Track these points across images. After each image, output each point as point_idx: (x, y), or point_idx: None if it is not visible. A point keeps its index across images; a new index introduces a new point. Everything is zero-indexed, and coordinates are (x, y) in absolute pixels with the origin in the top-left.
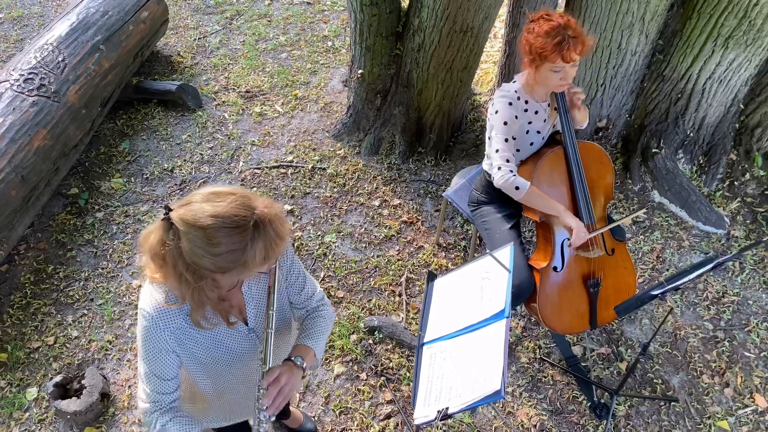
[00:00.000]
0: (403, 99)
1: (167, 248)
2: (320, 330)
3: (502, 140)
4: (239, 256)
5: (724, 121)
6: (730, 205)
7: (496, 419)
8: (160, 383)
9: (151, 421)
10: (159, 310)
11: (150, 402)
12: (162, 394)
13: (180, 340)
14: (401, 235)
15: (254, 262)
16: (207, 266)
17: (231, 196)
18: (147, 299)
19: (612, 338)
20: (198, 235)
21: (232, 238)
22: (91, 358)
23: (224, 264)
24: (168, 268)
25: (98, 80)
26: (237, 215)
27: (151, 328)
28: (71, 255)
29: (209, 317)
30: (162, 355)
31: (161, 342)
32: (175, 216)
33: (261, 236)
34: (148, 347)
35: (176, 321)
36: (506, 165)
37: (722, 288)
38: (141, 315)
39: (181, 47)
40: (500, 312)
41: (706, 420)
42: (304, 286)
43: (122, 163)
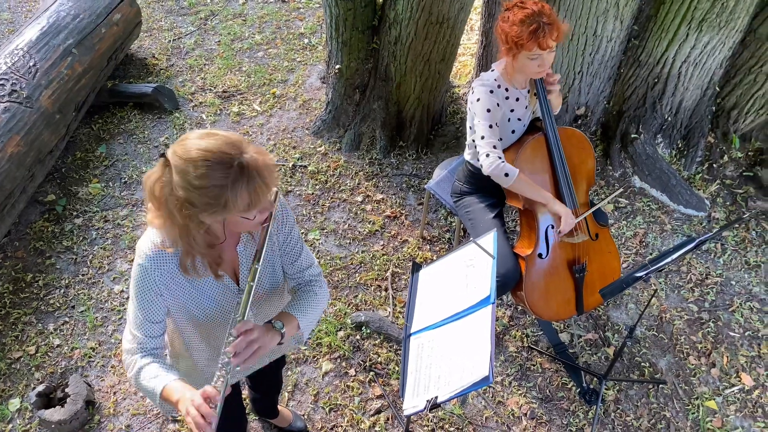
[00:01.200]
0: (382, 93)
1: (161, 186)
2: (309, 304)
3: (486, 127)
4: (221, 193)
5: (701, 104)
6: (709, 187)
7: (487, 409)
8: (147, 325)
9: (131, 363)
10: (154, 251)
11: (134, 343)
12: (147, 336)
13: (170, 285)
14: (385, 230)
15: (236, 204)
16: (191, 200)
17: (224, 136)
18: (145, 240)
19: (598, 324)
20: (185, 166)
21: (215, 172)
22: (75, 366)
23: (206, 200)
24: (162, 207)
25: (72, 84)
26: (224, 152)
27: (143, 268)
28: (50, 262)
29: (198, 266)
30: (151, 297)
31: (152, 284)
32: (170, 152)
33: (245, 179)
34: (138, 288)
35: (168, 265)
36: (494, 151)
37: (705, 270)
38: (137, 255)
39: (156, 49)
40: (486, 298)
41: (694, 401)
42: (299, 257)
43: (99, 167)
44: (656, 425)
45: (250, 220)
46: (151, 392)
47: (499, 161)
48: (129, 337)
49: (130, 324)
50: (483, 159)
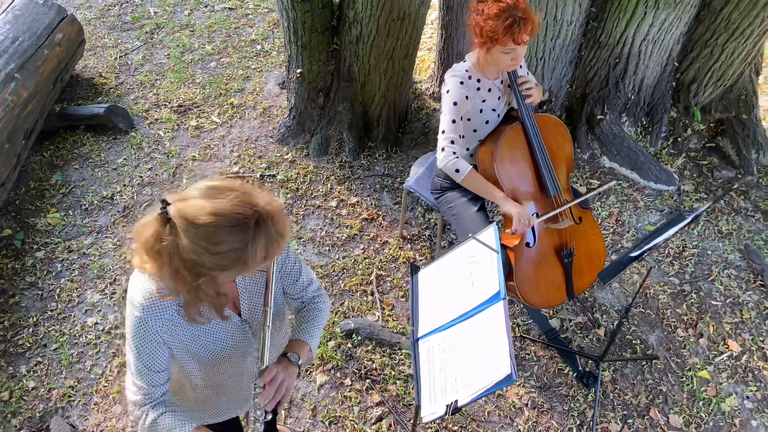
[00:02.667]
0: (347, 94)
1: (163, 244)
2: (316, 324)
3: (449, 121)
4: (240, 254)
5: (662, 81)
6: (676, 161)
7: (488, 404)
8: (151, 375)
9: (141, 414)
10: (150, 301)
11: (141, 395)
12: (153, 386)
13: (172, 332)
14: (364, 233)
15: (255, 261)
16: (206, 264)
17: (231, 192)
18: (137, 289)
19: (586, 306)
20: (198, 233)
21: (233, 236)
22: (54, 408)
23: (224, 263)
24: (163, 263)
25: (18, 111)
26: (239, 213)
27: (142, 320)
28: (14, 301)
29: (203, 312)
30: (153, 347)
31: (152, 334)
32: (173, 211)
33: (262, 234)
34: (138, 339)
35: (168, 312)
36: (449, 146)
37: (681, 243)
38: (131, 306)
39: (102, 68)
40: (495, 295)
41: (687, 372)
42: (299, 275)
43: (57, 196)
44: (654, 400)
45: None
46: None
47: (452, 157)
48: (133, 388)
49: (132, 374)
50: (438, 152)
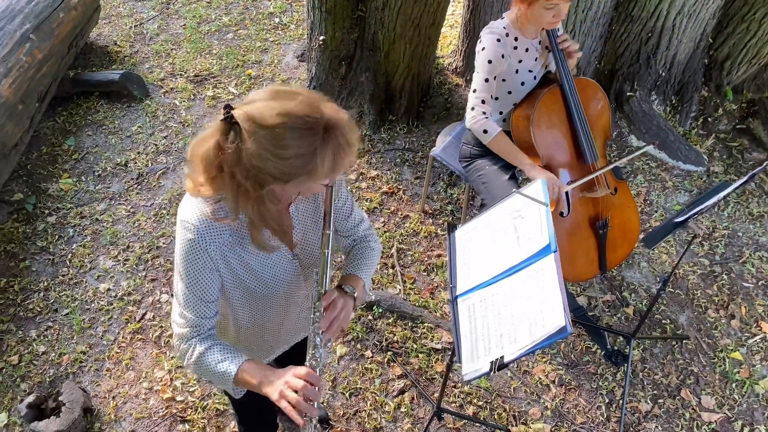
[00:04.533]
0: (370, 64)
1: (225, 154)
2: (369, 262)
3: (482, 80)
4: (307, 161)
5: (694, 57)
6: (705, 142)
7: (513, 380)
8: (201, 306)
9: (188, 348)
10: (206, 223)
11: (188, 327)
12: (202, 318)
13: (226, 258)
14: (384, 207)
15: (322, 170)
16: (271, 172)
17: (299, 95)
18: (191, 211)
19: (614, 285)
20: (265, 135)
21: (301, 140)
22: (65, 373)
23: (290, 170)
24: (224, 177)
25: (32, 72)
26: (308, 116)
27: (196, 243)
28: (25, 265)
29: (268, 239)
30: (205, 274)
31: (206, 259)
32: (239, 113)
33: (331, 141)
34: (190, 264)
35: (223, 236)
36: (480, 106)
37: (711, 224)
38: (184, 228)
39: (117, 36)
40: (545, 248)
41: (719, 353)
42: (351, 211)
43: (69, 162)
44: (685, 381)
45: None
46: (220, 376)
47: (482, 117)
48: (180, 320)
49: (180, 305)
50: (468, 111)
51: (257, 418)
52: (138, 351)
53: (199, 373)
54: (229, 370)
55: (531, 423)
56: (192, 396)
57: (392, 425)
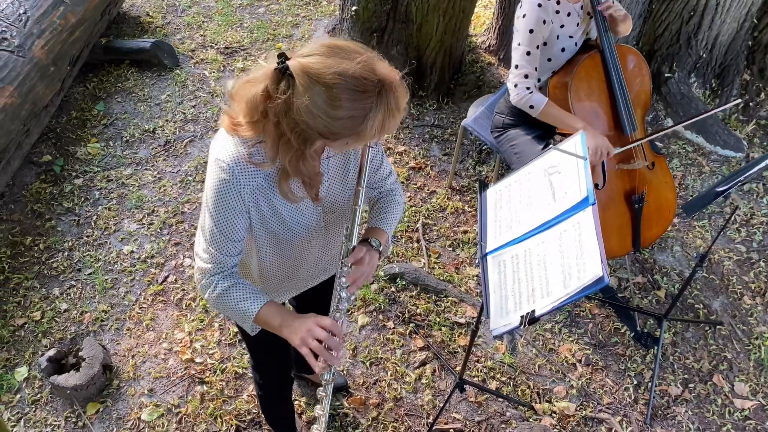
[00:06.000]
0: (402, 37)
1: (274, 102)
2: (394, 216)
3: (523, 54)
4: (358, 123)
5: (737, 39)
6: (745, 128)
7: (539, 357)
8: (227, 244)
9: (210, 284)
10: (241, 165)
11: (212, 263)
12: (227, 255)
13: (256, 201)
14: (411, 182)
15: (370, 132)
16: (319, 129)
17: (357, 54)
18: (227, 150)
19: (646, 267)
20: (320, 92)
21: (356, 102)
22: (86, 331)
23: (340, 130)
24: (268, 125)
25: (65, 36)
26: (365, 78)
27: (229, 183)
28: (50, 225)
29: (294, 190)
30: (234, 215)
31: (238, 200)
32: (295, 66)
33: (382, 105)
34: (221, 203)
35: (256, 180)
36: (523, 81)
37: (749, 210)
38: (217, 167)
39: (150, 7)
40: (583, 200)
41: (754, 340)
42: (381, 164)
43: (98, 126)
44: (718, 366)
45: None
46: (241, 314)
47: (526, 93)
48: (204, 256)
49: (205, 241)
50: (510, 89)
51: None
52: (159, 312)
53: (219, 308)
54: (251, 309)
55: (555, 401)
56: (211, 358)
57: (412, 396)
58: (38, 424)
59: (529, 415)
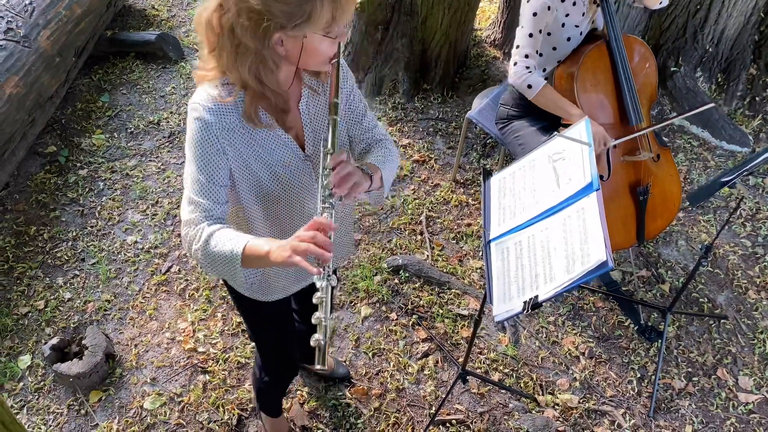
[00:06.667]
0: (407, 30)
1: (225, 12)
2: (387, 158)
3: (525, 35)
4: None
5: (744, 33)
6: (751, 123)
7: (542, 349)
8: (213, 188)
9: (196, 233)
10: (214, 102)
11: (198, 211)
12: (214, 202)
13: (232, 140)
14: (415, 175)
15: (321, 14)
16: (269, 8)
17: None
18: (199, 95)
19: (650, 261)
20: None
21: None
22: (89, 320)
23: (288, 7)
24: (224, 39)
25: (71, 27)
26: None
27: (203, 121)
28: (55, 215)
29: (262, 117)
30: (215, 156)
31: (214, 138)
32: None
33: None
34: (200, 146)
35: (230, 117)
36: (523, 60)
37: (755, 205)
38: (192, 110)
39: (155, 0)
40: (587, 186)
41: (759, 335)
42: (364, 114)
43: (102, 118)
44: (722, 360)
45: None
46: (228, 256)
47: (525, 71)
48: (189, 207)
49: (189, 191)
50: (510, 67)
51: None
52: (162, 302)
53: (205, 259)
54: (236, 248)
55: (558, 393)
56: (214, 348)
57: (415, 386)
58: (41, 412)
59: (531, 407)
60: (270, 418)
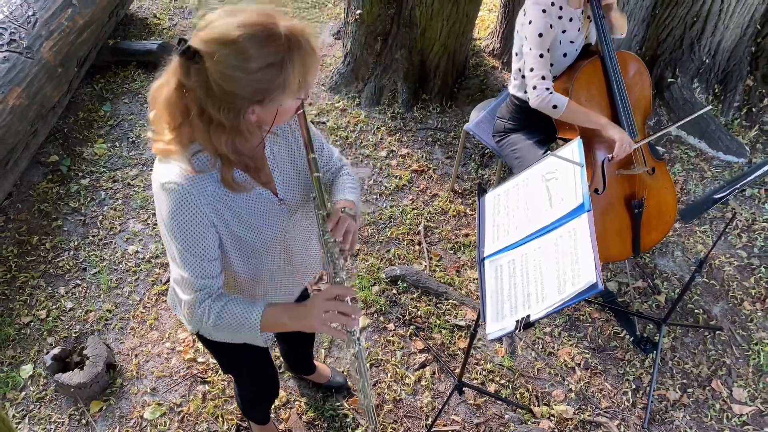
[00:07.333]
0: (405, 41)
1: (190, 93)
2: (352, 185)
3: (536, 56)
4: (278, 72)
5: (740, 45)
6: (748, 133)
7: (538, 360)
8: (205, 264)
9: (203, 313)
10: (188, 177)
11: (196, 291)
12: (209, 277)
13: (216, 209)
14: (413, 185)
15: (294, 81)
16: (244, 91)
17: (252, 7)
18: (170, 171)
19: (646, 272)
20: (228, 52)
21: (266, 47)
22: (90, 330)
23: (263, 84)
24: (194, 120)
25: (73, 37)
26: (266, 22)
27: (184, 199)
28: (57, 224)
29: (240, 180)
30: (201, 230)
31: (199, 214)
32: (196, 40)
33: (296, 48)
34: (183, 224)
35: (209, 187)
36: (541, 83)
37: (751, 216)
38: (167, 190)
39: (157, 9)
40: (579, 207)
41: (753, 346)
42: (323, 145)
43: (104, 127)
44: (717, 372)
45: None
46: (247, 327)
47: (546, 93)
48: (186, 288)
49: (182, 271)
50: (530, 92)
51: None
52: (162, 312)
53: (221, 332)
54: (255, 317)
55: (554, 404)
56: (213, 358)
57: (412, 397)
58: (42, 422)
59: (527, 418)
60: (259, 425)
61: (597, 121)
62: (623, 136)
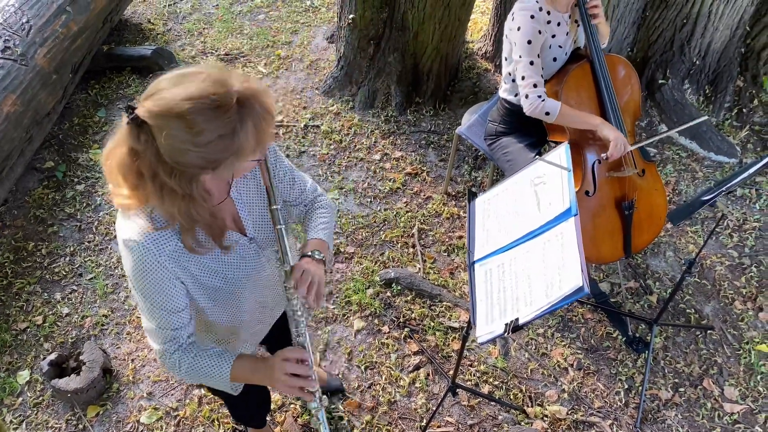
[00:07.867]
0: (398, 44)
1: (141, 158)
2: (326, 221)
3: (527, 64)
4: (230, 141)
5: (730, 46)
6: (739, 134)
7: (531, 361)
8: (171, 317)
9: (174, 363)
10: (149, 236)
11: (167, 342)
12: (176, 329)
13: (180, 263)
14: (407, 187)
15: (248, 146)
16: (194, 162)
17: (201, 74)
18: (130, 228)
19: (638, 273)
20: (176, 126)
21: (216, 120)
22: (87, 335)
23: (215, 155)
24: (146, 183)
25: (67, 44)
26: (215, 92)
27: (145, 257)
28: (53, 230)
29: (201, 240)
30: (165, 285)
31: (161, 270)
32: (142, 112)
33: (249, 114)
34: (146, 281)
35: (170, 243)
36: (533, 91)
37: (742, 216)
38: (128, 248)
39: (151, 14)
40: (566, 211)
41: (744, 345)
42: (294, 179)
43: (99, 133)
44: (708, 371)
45: (251, 164)
46: (217, 380)
47: (539, 101)
48: (155, 339)
49: (151, 323)
50: (523, 100)
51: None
52: None
53: (194, 381)
54: (224, 372)
55: (547, 405)
56: None
57: (406, 399)
58: (39, 427)
59: (521, 418)
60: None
61: (591, 122)
62: (618, 135)
